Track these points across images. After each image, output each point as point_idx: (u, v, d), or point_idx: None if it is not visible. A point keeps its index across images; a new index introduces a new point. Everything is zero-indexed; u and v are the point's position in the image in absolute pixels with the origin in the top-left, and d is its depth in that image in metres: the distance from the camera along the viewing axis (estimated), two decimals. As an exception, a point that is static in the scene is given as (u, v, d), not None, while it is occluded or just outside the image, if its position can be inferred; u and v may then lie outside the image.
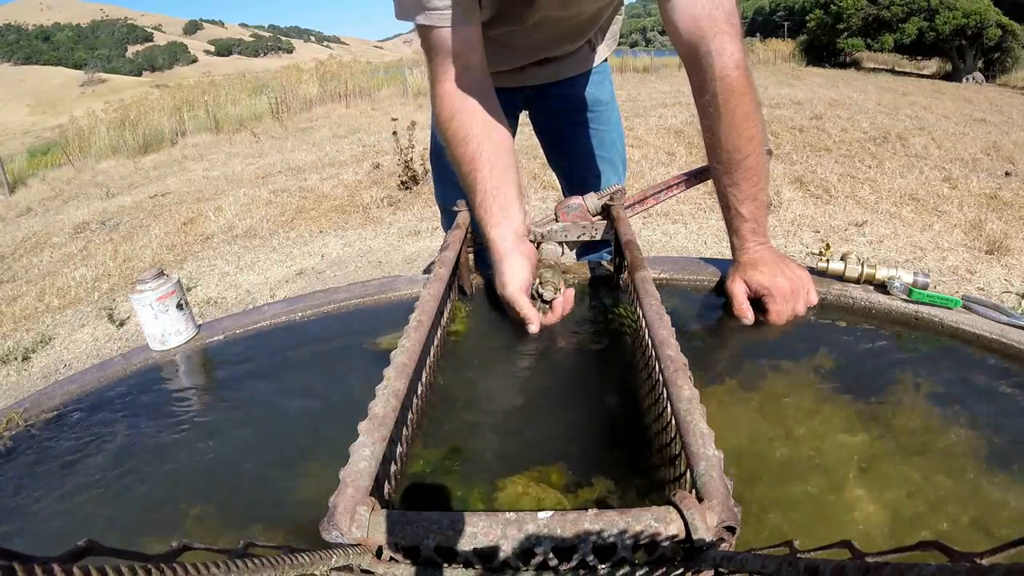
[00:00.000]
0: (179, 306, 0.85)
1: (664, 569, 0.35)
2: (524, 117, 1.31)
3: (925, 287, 0.78)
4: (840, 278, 0.84)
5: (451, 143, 0.80)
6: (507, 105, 1.21)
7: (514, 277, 0.75)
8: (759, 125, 0.76)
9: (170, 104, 9.14)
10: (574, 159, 1.26)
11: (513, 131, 1.30)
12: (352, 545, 0.35)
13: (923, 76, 11.26)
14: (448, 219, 1.32)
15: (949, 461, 0.54)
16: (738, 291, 0.79)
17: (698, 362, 0.68)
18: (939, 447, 0.56)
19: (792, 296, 0.76)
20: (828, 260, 0.85)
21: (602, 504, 0.50)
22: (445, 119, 0.80)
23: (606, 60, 1.25)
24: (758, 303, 0.79)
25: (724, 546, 0.35)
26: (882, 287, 0.81)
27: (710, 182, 0.91)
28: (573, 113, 1.22)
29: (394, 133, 4.32)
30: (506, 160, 0.79)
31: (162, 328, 0.85)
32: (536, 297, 0.76)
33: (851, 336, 0.76)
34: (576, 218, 0.93)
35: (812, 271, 0.84)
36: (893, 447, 0.56)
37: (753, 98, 0.75)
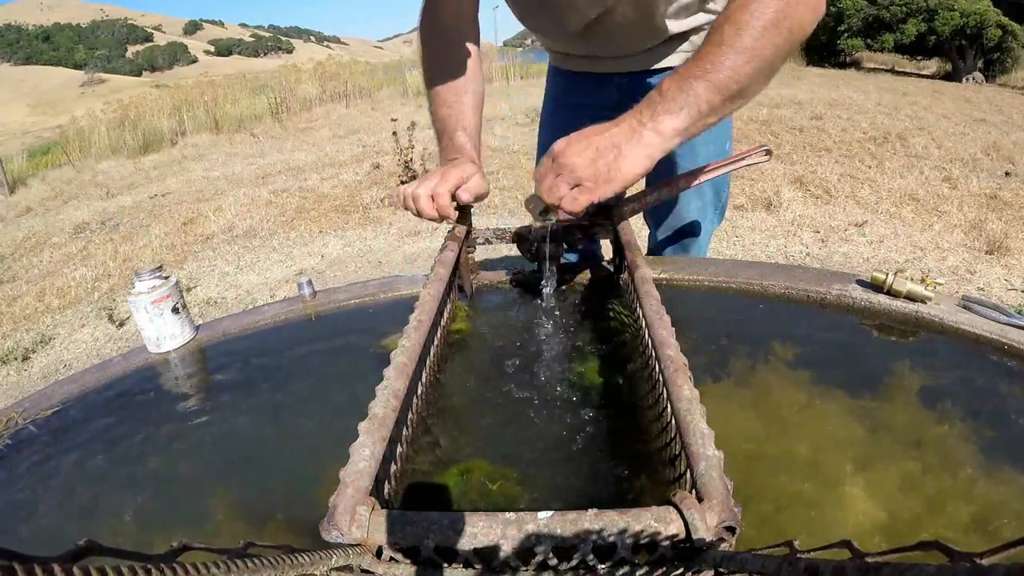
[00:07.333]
0: (174, 310, 0.85)
1: (664, 569, 0.35)
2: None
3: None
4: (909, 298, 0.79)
5: (431, 69, 0.91)
6: (599, 98, 1.05)
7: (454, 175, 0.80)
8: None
9: (169, 104, 9.14)
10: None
11: None
12: (352, 545, 0.35)
13: (923, 76, 11.23)
14: None
15: (948, 460, 0.54)
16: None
17: (697, 361, 0.68)
18: (939, 447, 0.56)
19: (543, 173, 0.66)
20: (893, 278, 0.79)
21: (602, 504, 0.50)
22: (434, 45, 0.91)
23: None
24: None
25: (724, 546, 0.35)
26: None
27: (707, 180, 0.89)
28: None
29: (394, 133, 4.32)
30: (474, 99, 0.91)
31: (157, 331, 0.85)
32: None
33: (850, 335, 0.76)
34: (575, 217, 0.93)
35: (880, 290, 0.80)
36: (892, 446, 0.56)
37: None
